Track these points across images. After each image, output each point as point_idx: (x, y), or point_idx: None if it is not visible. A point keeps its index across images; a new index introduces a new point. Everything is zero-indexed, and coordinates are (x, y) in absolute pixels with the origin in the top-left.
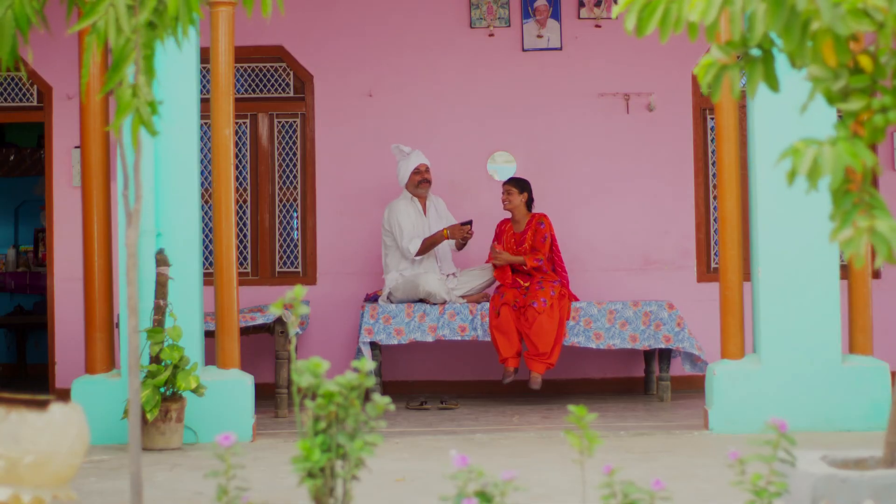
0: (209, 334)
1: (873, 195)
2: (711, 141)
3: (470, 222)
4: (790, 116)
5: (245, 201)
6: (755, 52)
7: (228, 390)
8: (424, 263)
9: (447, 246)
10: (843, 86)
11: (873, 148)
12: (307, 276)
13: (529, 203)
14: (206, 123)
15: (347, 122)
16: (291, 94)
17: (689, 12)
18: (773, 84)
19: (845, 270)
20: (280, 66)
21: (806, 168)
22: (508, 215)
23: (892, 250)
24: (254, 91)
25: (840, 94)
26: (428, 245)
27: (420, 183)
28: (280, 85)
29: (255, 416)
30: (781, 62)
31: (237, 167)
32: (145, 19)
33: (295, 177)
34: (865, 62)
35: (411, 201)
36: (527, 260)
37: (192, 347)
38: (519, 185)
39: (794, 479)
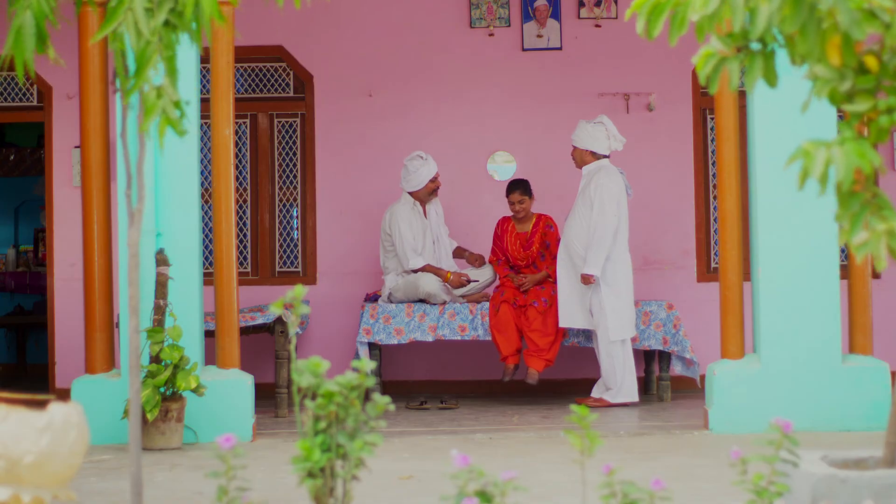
0: (209, 334)
1: (879, 195)
2: (711, 141)
3: (475, 281)
4: (790, 116)
5: (245, 201)
6: (755, 46)
7: (228, 390)
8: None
9: (447, 246)
10: (850, 87)
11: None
12: (307, 276)
13: None
14: (206, 123)
15: (347, 122)
16: (291, 94)
17: (692, 12)
18: (772, 79)
19: (845, 270)
20: (280, 66)
21: (819, 170)
22: (507, 213)
23: None
24: (254, 91)
25: (846, 95)
26: (430, 270)
27: (434, 190)
28: (280, 85)
29: (255, 416)
30: (781, 58)
31: (237, 167)
32: (164, 20)
33: (295, 177)
34: (871, 63)
35: (413, 206)
36: (551, 273)
37: (192, 347)
38: (527, 190)
39: (794, 479)
